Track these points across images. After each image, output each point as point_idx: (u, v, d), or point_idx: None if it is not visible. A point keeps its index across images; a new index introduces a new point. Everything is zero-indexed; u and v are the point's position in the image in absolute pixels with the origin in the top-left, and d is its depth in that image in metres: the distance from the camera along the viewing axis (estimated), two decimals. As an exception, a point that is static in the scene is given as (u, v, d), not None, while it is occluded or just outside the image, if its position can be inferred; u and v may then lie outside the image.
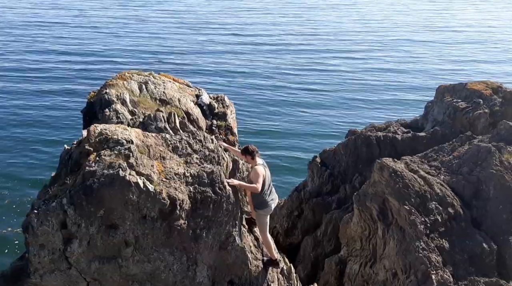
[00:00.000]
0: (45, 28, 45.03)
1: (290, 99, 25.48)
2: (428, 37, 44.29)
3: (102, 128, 6.94)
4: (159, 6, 62.28)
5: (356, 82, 29.28)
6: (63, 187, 6.46)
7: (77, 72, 30.26)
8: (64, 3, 65.65)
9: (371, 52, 37.85)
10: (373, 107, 25.05)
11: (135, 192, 6.22)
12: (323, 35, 44.18)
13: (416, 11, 62.09)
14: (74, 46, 38.23)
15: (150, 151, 7.05)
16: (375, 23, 52.09)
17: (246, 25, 49.07)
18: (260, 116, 23.00)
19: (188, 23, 49.46)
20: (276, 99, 25.70)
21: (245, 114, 22.44)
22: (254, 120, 22.45)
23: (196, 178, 6.97)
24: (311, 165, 12.07)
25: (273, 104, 24.73)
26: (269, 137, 20.61)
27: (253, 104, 24.67)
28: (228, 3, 66.14)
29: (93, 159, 6.41)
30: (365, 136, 11.29)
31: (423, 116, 12.16)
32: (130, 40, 40.62)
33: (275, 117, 23.08)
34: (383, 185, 8.28)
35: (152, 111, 8.87)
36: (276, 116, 23.19)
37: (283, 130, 21.50)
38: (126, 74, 9.87)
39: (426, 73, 31.66)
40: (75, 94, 25.10)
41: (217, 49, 37.83)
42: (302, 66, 32.39)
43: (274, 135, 20.81)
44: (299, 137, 20.78)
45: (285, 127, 21.85)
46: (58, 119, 21.96)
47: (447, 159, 8.92)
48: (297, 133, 21.11)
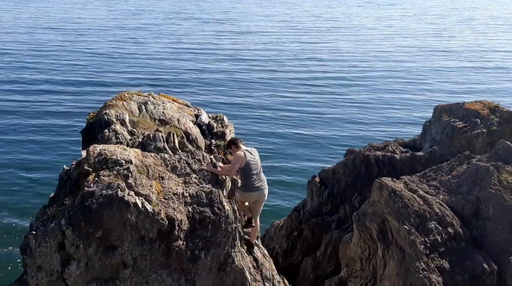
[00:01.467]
0: (43, 50, 45.43)
1: (289, 119, 25.58)
2: (426, 57, 44.75)
3: (101, 149, 6.96)
4: (156, 28, 63.11)
5: (354, 102, 29.45)
6: (62, 208, 6.45)
7: (76, 93, 30.42)
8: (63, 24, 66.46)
9: (368, 72, 38.18)
10: (371, 127, 25.14)
11: (134, 212, 6.21)
12: (320, 55, 44.64)
13: (413, 32, 62.94)
14: (75, 67, 38.54)
15: (149, 171, 7.06)
16: (372, 44, 52.72)
17: (243, 46, 49.63)
18: (259, 136, 23.06)
19: (186, 45, 50.00)
20: (275, 119, 25.81)
21: (244, 134, 22.50)
22: (253, 139, 22.49)
23: (194, 198, 6.97)
24: (310, 185, 12.06)
25: (271, 124, 24.82)
26: (268, 156, 20.62)
27: (252, 124, 24.75)
28: (226, 26, 67.04)
29: (92, 180, 6.42)
30: (364, 156, 11.31)
31: (421, 136, 12.21)
32: (130, 61, 41.00)
33: (273, 137, 23.13)
34: (382, 205, 8.26)
35: (151, 131, 8.90)
36: (275, 136, 23.25)
37: (281, 149, 21.53)
38: (125, 95, 9.95)
39: (423, 93, 31.89)
40: (74, 115, 25.18)
41: (216, 70, 38.17)
42: (299, 86, 32.64)
43: (273, 155, 20.82)
44: (297, 157, 20.80)
45: (283, 146, 21.89)
46: (58, 140, 21.97)
47: (446, 178, 8.92)
48: (295, 153, 21.14)
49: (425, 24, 72.37)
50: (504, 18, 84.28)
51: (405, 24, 72.04)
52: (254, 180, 7.85)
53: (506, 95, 30.65)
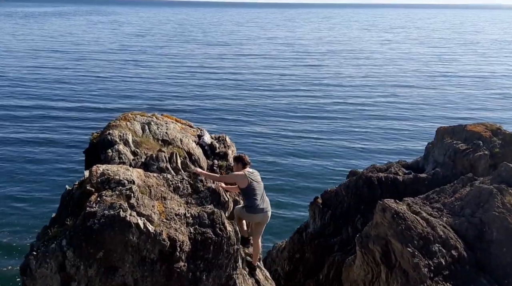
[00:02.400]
0: (47, 72, 45.97)
1: (291, 141, 25.60)
2: (428, 80, 45.07)
3: (104, 169, 6.97)
4: (160, 50, 63.86)
5: (356, 124, 29.52)
6: (63, 228, 6.42)
7: (80, 113, 30.63)
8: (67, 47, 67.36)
9: (371, 95, 38.39)
10: (373, 148, 25.13)
11: (135, 233, 6.17)
12: (323, 78, 44.99)
13: (416, 56, 63.53)
14: (79, 87, 38.91)
15: (152, 191, 7.05)
16: (375, 67, 53.17)
17: (246, 69, 50.12)
18: (261, 157, 23.06)
19: (189, 67, 50.54)
20: (277, 140, 25.85)
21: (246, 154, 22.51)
22: (255, 160, 22.50)
23: (196, 219, 6.94)
24: (312, 206, 11.99)
25: (274, 145, 24.85)
26: (270, 177, 20.58)
27: (254, 145, 24.80)
28: (229, 49, 67.79)
29: (94, 200, 6.41)
30: (367, 177, 11.28)
31: (424, 157, 12.19)
32: (134, 82, 41.40)
33: (275, 158, 23.12)
34: (385, 227, 8.21)
35: (154, 151, 8.93)
36: (277, 157, 23.24)
37: (284, 171, 21.49)
38: (129, 115, 10.02)
39: (425, 115, 31.97)
40: (78, 135, 25.31)
41: (219, 91, 38.46)
42: (302, 108, 32.78)
43: (275, 176, 20.77)
44: (300, 178, 20.74)
45: (286, 168, 21.85)
46: (61, 160, 22.03)
47: (449, 200, 8.87)
48: (298, 174, 21.09)
49: (428, 48, 73.16)
50: (506, 42, 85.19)
51: (407, 48, 72.77)
52: (258, 201, 7.76)
53: (507, 118, 30.74)
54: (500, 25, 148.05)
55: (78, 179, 7.26)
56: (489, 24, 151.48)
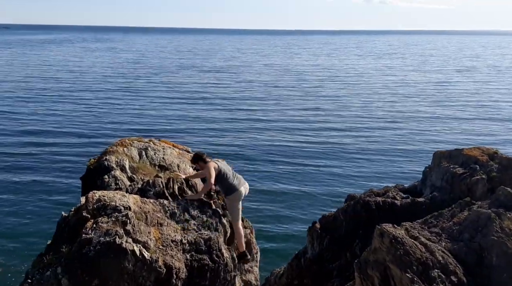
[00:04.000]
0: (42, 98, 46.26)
1: (289, 166, 25.59)
2: (425, 106, 45.50)
3: (100, 195, 6.95)
4: (156, 77, 64.49)
5: (353, 149, 29.60)
6: (59, 256, 6.35)
7: (77, 139, 30.67)
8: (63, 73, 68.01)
9: (368, 120, 38.62)
10: (371, 172, 25.14)
11: (131, 260, 6.11)
12: (319, 104, 45.32)
13: (412, 82, 64.31)
14: (77, 113, 39.07)
15: (148, 217, 7.02)
16: (371, 93, 53.72)
17: (243, 95, 50.56)
18: (258, 182, 23.00)
19: (186, 93, 50.96)
20: (274, 165, 25.84)
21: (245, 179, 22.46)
22: (252, 184, 22.44)
23: (193, 245, 6.89)
24: (310, 231, 11.91)
25: (271, 170, 24.83)
26: (268, 202, 20.50)
27: (251, 171, 24.75)
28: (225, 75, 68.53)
29: (90, 226, 6.37)
30: (364, 202, 11.24)
31: (421, 181, 12.19)
32: (131, 108, 41.61)
33: (272, 184, 23.08)
34: (384, 252, 8.13)
35: (151, 177, 8.92)
36: (274, 182, 23.19)
37: (281, 195, 21.41)
38: (126, 141, 10.05)
39: (422, 140, 32.10)
40: (75, 161, 25.27)
41: (216, 117, 38.65)
42: (298, 135, 32.84)
43: (273, 201, 20.68)
44: (298, 203, 20.65)
45: (283, 193, 21.78)
46: (57, 186, 21.93)
47: (448, 225, 8.83)
48: (296, 199, 21.01)
49: (425, 73, 74.06)
50: (503, 67, 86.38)
51: (404, 74, 73.66)
52: (231, 182, 8.18)
53: (503, 142, 30.90)
54: (496, 50, 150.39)
55: (75, 205, 7.23)
56: (485, 50, 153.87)
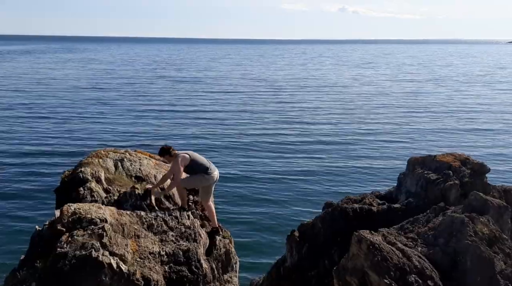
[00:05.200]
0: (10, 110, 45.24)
1: (266, 177, 25.58)
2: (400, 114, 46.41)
3: (75, 208, 6.83)
4: (131, 87, 63.92)
5: (330, 157, 29.88)
6: (33, 271, 6.19)
7: (51, 152, 30.03)
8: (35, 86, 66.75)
9: (344, 129, 39.10)
10: (347, 179, 25.40)
11: (108, 274, 6.01)
12: (295, 115, 45.62)
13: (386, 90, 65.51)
14: (48, 124, 38.30)
15: (125, 229, 6.92)
16: (346, 102, 54.49)
17: (218, 105, 50.54)
18: (236, 194, 22.92)
19: (161, 103, 50.65)
20: (252, 173, 25.85)
21: (220, 189, 22.38)
22: (231, 195, 22.36)
23: (171, 257, 6.82)
24: (289, 240, 11.93)
25: (248, 182, 24.80)
26: (246, 212, 20.44)
27: (227, 180, 24.66)
28: (200, 86, 68.42)
29: (65, 240, 6.24)
30: (342, 209, 11.35)
31: (397, 188, 12.39)
32: (105, 119, 41.06)
33: (252, 192, 23.05)
34: (362, 258, 8.21)
35: (127, 188, 8.80)
36: (253, 193, 23.16)
37: (259, 205, 21.39)
38: (102, 152, 9.89)
39: (397, 146, 32.68)
40: (48, 174, 24.71)
41: (192, 127, 38.48)
42: (276, 147, 32.87)
43: (251, 211, 20.64)
44: (276, 211, 20.67)
45: (261, 202, 21.76)
46: (30, 199, 21.39)
47: (423, 230, 8.98)
48: (275, 208, 21.01)
49: (398, 82, 75.59)
50: (474, 76, 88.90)
51: (378, 82, 74.99)
52: (208, 165, 8.56)
53: (474, 148, 31.75)
54: (467, 59, 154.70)
55: (49, 218, 7.07)
56: (455, 59, 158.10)
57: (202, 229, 8.17)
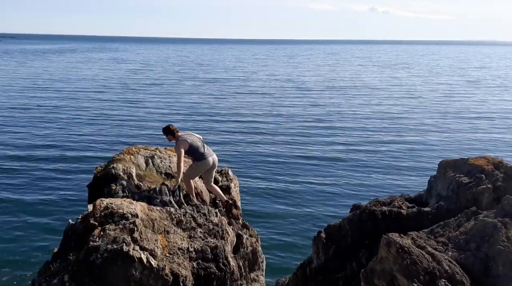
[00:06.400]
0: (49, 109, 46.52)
1: (292, 177, 25.53)
2: (431, 116, 45.53)
3: (108, 203, 6.99)
4: (160, 87, 64.79)
5: (358, 159, 29.57)
6: (66, 263, 6.37)
7: (84, 148, 30.81)
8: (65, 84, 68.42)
9: (373, 131, 38.62)
10: (376, 182, 25.08)
11: (138, 268, 6.13)
12: (324, 116, 45.37)
13: (418, 92, 64.34)
14: (82, 122, 39.30)
15: (155, 225, 7.05)
16: (377, 103, 53.77)
17: (246, 104, 50.66)
18: (263, 191, 22.98)
19: (190, 102, 51.17)
20: (279, 175, 25.82)
21: (249, 189, 22.47)
22: (258, 194, 22.42)
23: (199, 253, 6.90)
24: (316, 241, 11.87)
25: (276, 181, 24.80)
26: (273, 213, 20.46)
27: (256, 179, 24.75)
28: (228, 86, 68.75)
29: (98, 234, 6.40)
30: (370, 211, 11.22)
31: (427, 191, 12.16)
32: (136, 117, 41.78)
33: (278, 193, 23.03)
34: (390, 262, 8.11)
35: (157, 185, 8.96)
36: (279, 191, 23.15)
37: (286, 206, 21.37)
38: (133, 149, 10.11)
39: (426, 149, 32.05)
40: (82, 169, 25.38)
41: (220, 126, 38.77)
42: (304, 145, 32.84)
43: (278, 212, 20.65)
44: (303, 212, 20.61)
45: (289, 203, 21.73)
46: (64, 193, 22.00)
47: (454, 234, 8.80)
48: (301, 209, 20.95)
49: (430, 84, 74.05)
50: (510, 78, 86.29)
51: (410, 84, 73.60)
52: (203, 150, 9.09)
53: (508, 152, 30.80)
54: (503, 61, 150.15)
55: (82, 213, 7.26)
56: (492, 60, 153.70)
57: (229, 227, 8.24)
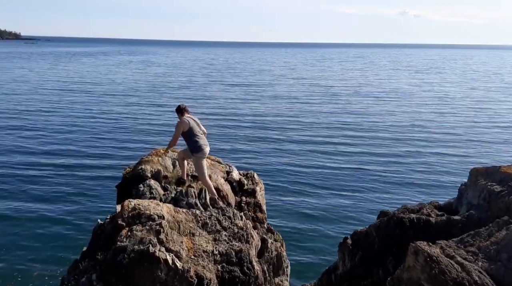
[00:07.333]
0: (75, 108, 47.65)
1: (318, 181, 25.35)
2: (460, 121, 44.48)
3: (135, 204, 7.10)
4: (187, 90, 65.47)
5: (386, 163, 29.13)
6: (94, 262, 6.50)
7: (113, 149, 31.43)
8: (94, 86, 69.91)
9: (402, 135, 38.00)
10: (404, 188, 24.63)
11: (164, 269, 6.19)
12: (353, 118, 44.89)
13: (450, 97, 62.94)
14: (111, 123, 40.09)
15: (180, 226, 7.11)
16: (408, 108, 52.89)
17: (272, 108, 50.60)
18: (290, 195, 22.90)
19: (217, 105, 51.49)
20: (306, 180, 25.66)
21: (274, 192, 22.42)
22: (283, 199, 22.35)
23: (224, 256, 6.92)
24: (342, 247, 11.75)
25: (302, 185, 24.65)
26: (298, 218, 20.35)
27: (281, 182, 24.68)
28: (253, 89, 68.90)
29: (125, 234, 6.50)
30: (398, 218, 11.02)
31: (457, 199, 11.87)
32: (164, 119, 42.33)
33: (303, 197, 22.90)
34: (418, 270, 7.95)
35: (183, 187, 9.04)
36: (305, 196, 23.02)
37: (312, 211, 21.21)
38: (161, 151, 10.25)
39: (458, 155, 31.30)
40: (111, 169, 25.90)
41: (247, 129, 38.85)
42: (330, 148, 32.57)
43: (303, 216, 20.52)
44: (328, 218, 20.42)
45: (314, 207, 21.58)
46: (93, 193, 22.48)
47: (485, 244, 8.55)
48: (327, 214, 20.76)
49: (465, 89, 72.27)
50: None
51: (443, 89, 72.01)
52: (198, 141, 9.25)
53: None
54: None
55: (110, 213, 7.39)
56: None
57: (254, 231, 8.23)
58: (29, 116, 42.17)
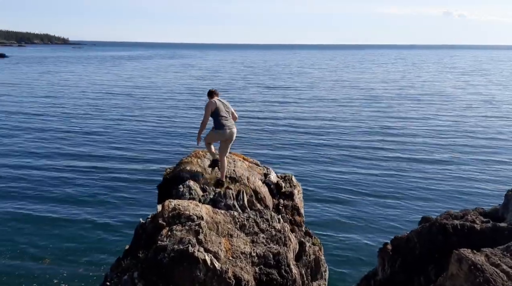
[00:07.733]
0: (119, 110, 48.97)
1: (356, 186, 24.95)
2: (506, 125, 42.75)
3: (175, 204, 7.24)
4: (225, 92, 65.96)
5: (428, 169, 28.35)
6: (136, 261, 6.67)
7: (155, 150, 32.17)
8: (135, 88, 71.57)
9: (445, 140, 36.90)
10: (447, 193, 23.87)
11: (202, 269, 6.27)
12: (393, 122, 44.01)
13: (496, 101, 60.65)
14: (152, 125, 41.04)
15: (219, 227, 7.19)
16: (450, 111, 51.36)
17: (311, 115, 50.24)
18: (328, 200, 22.65)
19: (255, 108, 51.63)
20: (345, 184, 25.31)
21: (312, 196, 22.25)
22: (319, 205, 22.14)
23: (262, 259, 6.93)
24: (381, 253, 11.52)
25: (341, 189, 24.34)
26: (336, 222, 20.11)
27: (321, 187, 24.46)
28: (292, 92, 68.64)
29: (165, 234, 6.63)
30: (441, 224, 10.70)
31: (504, 205, 11.41)
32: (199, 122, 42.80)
33: (342, 202, 22.60)
34: (461, 279, 7.69)
35: (222, 188, 9.14)
36: (344, 201, 22.71)
37: (350, 215, 20.91)
38: (200, 152, 10.40)
39: (504, 161, 30.06)
40: (153, 170, 26.54)
41: (285, 133, 38.78)
42: (369, 152, 32.01)
43: (342, 221, 20.26)
44: (368, 223, 20.06)
45: (352, 212, 21.26)
46: (136, 193, 23.09)
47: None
48: (365, 222, 20.39)
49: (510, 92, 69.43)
50: None
51: (488, 92, 69.40)
52: (223, 120, 9.53)
53: None
54: None
55: (152, 212, 7.57)
56: None
57: (292, 234, 8.21)
58: (75, 119, 43.81)
